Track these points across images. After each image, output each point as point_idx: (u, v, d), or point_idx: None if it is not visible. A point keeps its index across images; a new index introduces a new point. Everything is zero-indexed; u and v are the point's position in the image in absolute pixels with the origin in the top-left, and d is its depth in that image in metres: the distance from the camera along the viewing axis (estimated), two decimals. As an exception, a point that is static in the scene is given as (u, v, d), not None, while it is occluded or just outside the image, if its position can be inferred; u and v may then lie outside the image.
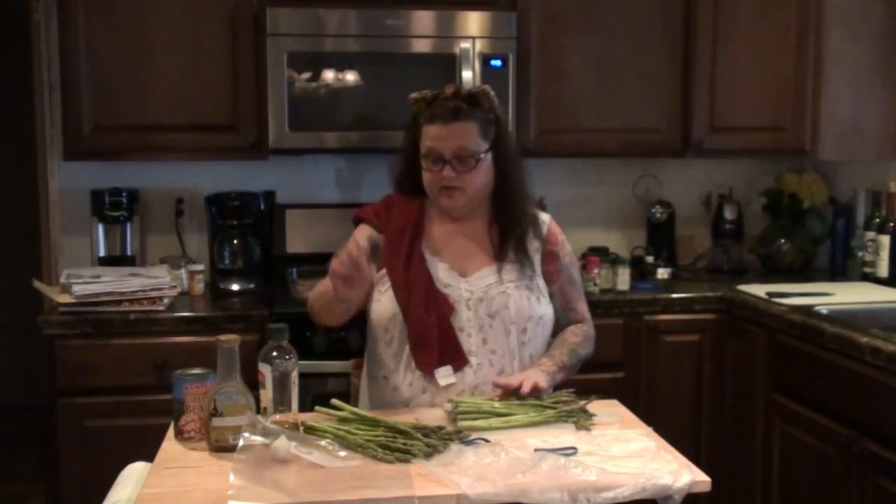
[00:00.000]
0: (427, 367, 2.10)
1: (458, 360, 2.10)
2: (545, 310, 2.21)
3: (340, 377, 2.74)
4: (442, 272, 2.18)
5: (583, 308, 2.35)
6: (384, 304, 2.16)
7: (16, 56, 4.36)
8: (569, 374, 2.20)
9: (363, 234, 2.17)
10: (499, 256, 2.20)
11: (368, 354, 2.26)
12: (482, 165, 2.16)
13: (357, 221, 2.29)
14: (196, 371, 1.89)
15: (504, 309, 2.14)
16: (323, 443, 1.77)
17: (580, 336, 2.29)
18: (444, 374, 2.09)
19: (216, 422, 1.79)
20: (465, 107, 2.14)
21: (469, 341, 2.13)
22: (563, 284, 2.29)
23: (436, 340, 2.09)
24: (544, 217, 2.31)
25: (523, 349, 2.16)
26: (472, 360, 2.12)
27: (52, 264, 3.54)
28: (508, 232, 2.22)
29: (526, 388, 2.02)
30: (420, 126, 2.18)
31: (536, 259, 2.24)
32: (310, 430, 1.83)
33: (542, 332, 2.22)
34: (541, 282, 2.23)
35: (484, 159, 2.16)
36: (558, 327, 2.28)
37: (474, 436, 1.84)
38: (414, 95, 2.22)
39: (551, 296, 2.25)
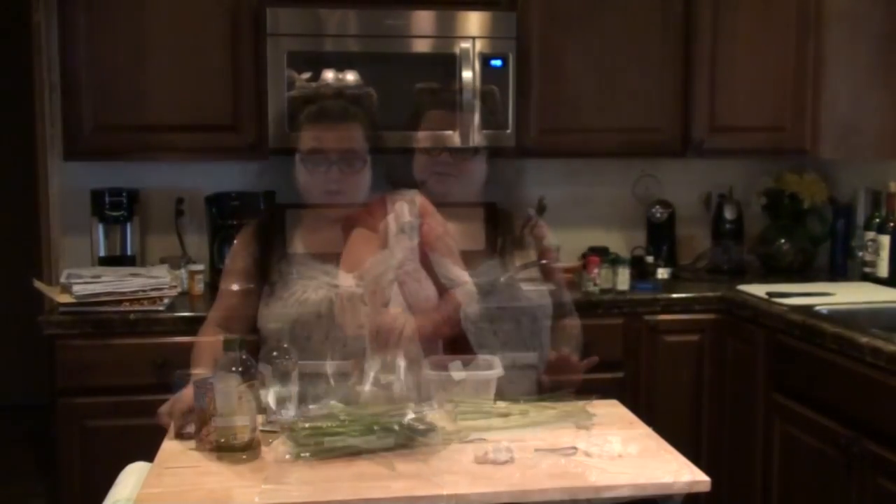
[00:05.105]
0: (441, 363, 2.08)
1: (467, 354, 2.10)
2: (547, 299, 2.23)
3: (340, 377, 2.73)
4: (448, 268, 2.17)
5: (569, 300, 2.37)
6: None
7: (16, 56, 4.36)
8: None
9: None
10: (499, 251, 2.23)
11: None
12: (478, 158, 2.23)
13: (351, 226, 2.27)
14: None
15: (513, 301, 2.16)
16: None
17: (577, 328, 2.31)
18: (457, 369, 2.09)
19: (216, 422, 1.79)
20: (471, 101, 2.24)
21: (481, 335, 2.13)
22: (554, 278, 2.32)
23: (448, 336, 2.11)
24: (530, 212, 2.40)
25: (533, 339, 2.18)
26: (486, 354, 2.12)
27: (52, 264, 3.53)
28: (504, 230, 2.26)
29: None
30: (420, 117, 2.26)
31: (532, 254, 2.27)
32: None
33: (547, 323, 2.23)
34: (540, 272, 2.26)
35: (481, 153, 2.24)
36: None
37: (474, 436, 1.84)
38: (420, 86, 2.28)
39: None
